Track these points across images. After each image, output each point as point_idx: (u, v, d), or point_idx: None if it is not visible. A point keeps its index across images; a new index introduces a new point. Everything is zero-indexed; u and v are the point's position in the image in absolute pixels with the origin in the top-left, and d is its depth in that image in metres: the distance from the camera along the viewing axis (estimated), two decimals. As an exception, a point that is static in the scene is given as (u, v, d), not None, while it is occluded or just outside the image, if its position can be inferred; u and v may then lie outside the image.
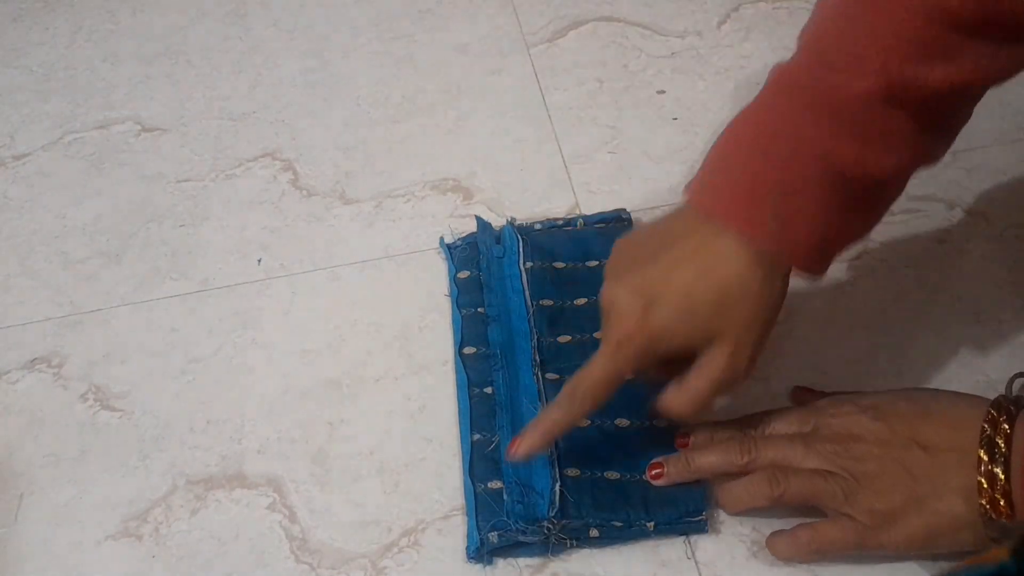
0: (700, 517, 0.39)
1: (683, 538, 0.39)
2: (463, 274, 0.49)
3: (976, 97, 0.36)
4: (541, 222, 0.52)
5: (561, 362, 0.44)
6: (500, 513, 0.39)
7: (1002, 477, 0.32)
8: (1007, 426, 0.33)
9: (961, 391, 0.38)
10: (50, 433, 0.46)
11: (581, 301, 0.47)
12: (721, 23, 0.65)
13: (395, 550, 0.40)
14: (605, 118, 0.59)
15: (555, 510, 0.38)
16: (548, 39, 0.65)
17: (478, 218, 0.51)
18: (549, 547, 0.39)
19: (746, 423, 0.39)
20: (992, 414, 0.33)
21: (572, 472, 0.40)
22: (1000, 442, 0.32)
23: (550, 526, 0.38)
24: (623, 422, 0.42)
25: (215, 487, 0.43)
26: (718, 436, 0.39)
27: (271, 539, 0.41)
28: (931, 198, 0.52)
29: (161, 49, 0.67)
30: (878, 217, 0.36)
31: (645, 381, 0.39)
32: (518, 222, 0.51)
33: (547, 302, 0.47)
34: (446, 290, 0.49)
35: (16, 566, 0.41)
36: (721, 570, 0.38)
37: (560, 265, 0.49)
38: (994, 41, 0.32)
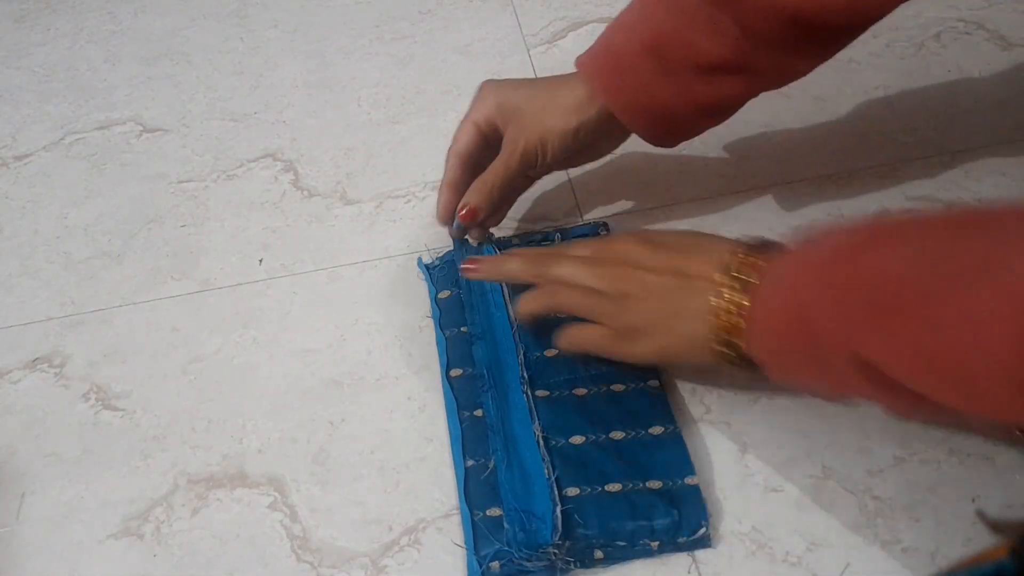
0: (702, 532, 0.38)
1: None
2: (444, 294, 0.48)
3: (817, 33, 0.41)
4: (519, 236, 0.51)
5: (550, 376, 0.44)
6: (500, 541, 0.38)
7: (734, 304, 0.36)
8: (749, 260, 0.37)
9: None
10: (52, 432, 0.46)
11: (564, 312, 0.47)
12: (721, 24, 0.65)
13: (396, 549, 0.40)
14: (605, 119, 0.59)
15: (558, 534, 0.37)
16: (548, 40, 0.65)
17: (456, 240, 0.50)
18: (555, 572, 0.38)
19: (555, 248, 0.46)
20: (737, 250, 0.38)
21: (572, 491, 0.40)
22: (739, 272, 0.37)
23: (555, 551, 0.37)
24: (618, 434, 0.42)
25: (216, 486, 0.43)
26: (527, 251, 0.45)
27: (272, 538, 0.41)
28: (929, 198, 0.52)
29: (162, 50, 0.68)
30: (709, 106, 0.44)
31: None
32: (496, 237, 0.51)
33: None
34: (428, 312, 0.48)
35: (18, 565, 0.41)
36: (720, 570, 0.38)
37: None
38: None
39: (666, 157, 0.57)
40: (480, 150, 0.47)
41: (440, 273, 0.49)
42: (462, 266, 0.45)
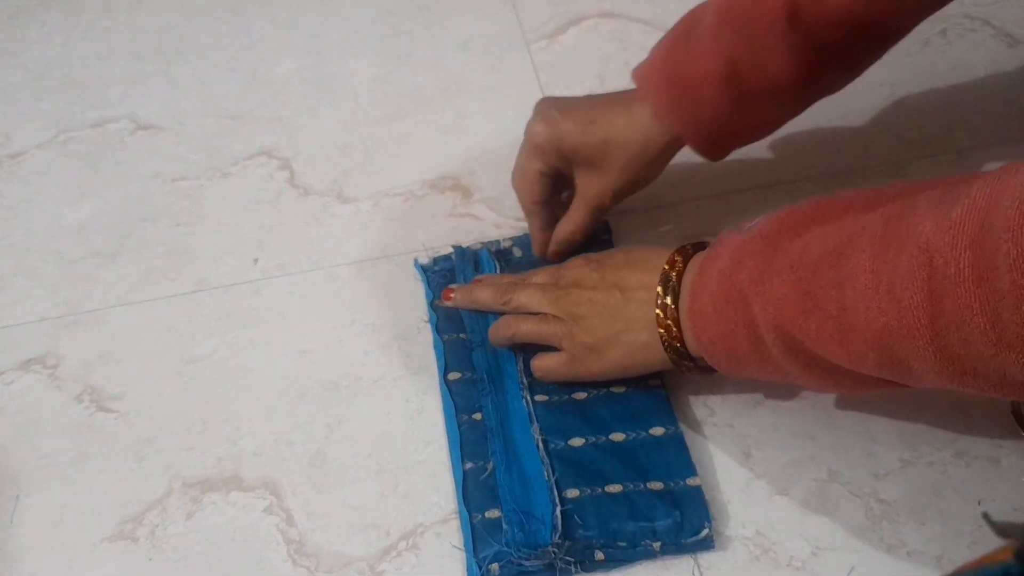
0: (705, 533, 0.38)
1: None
2: (441, 302, 0.48)
3: (873, 36, 0.42)
4: (520, 244, 0.50)
5: (549, 382, 0.44)
6: (499, 543, 0.38)
7: (672, 306, 0.38)
8: (681, 264, 0.39)
9: None
10: (46, 434, 0.45)
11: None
12: (722, 20, 0.64)
13: (393, 553, 0.40)
14: (605, 116, 0.58)
15: (558, 534, 0.37)
16: (548, 36, 0.65)
17: (456, 247, 0.50)
18: (556, 573, 0.38)
19: (519, 277, 0.46)
20: (673, 257, 0.40)
21: (572, 493, 0.39)
22: (673, 277, 0.39)
23: (554, 551, 0.37)
24: (618, 436, 0.42)
25: (211, 489, 0.43)
26: (495, 280, 0.46)
27: (268, 542, 0.41)
28: (935, 196, 0.52)
29: (157, 47, 0.67)
30: (769, 122, 0.46)
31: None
32: (496, 245, 0.50)
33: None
34: (425, 315, 0.48)
35: (12, 568, 0.41)
36: (724, 573, 0.38)
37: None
38: None
39: (667, 155, 0.56)
40: (551, 190, 0.48)
41: (437, 278, 0.49)
42: (443, 292, 0.47)
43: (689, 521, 0.38)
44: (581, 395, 0.43)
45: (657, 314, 0.39)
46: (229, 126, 0.61)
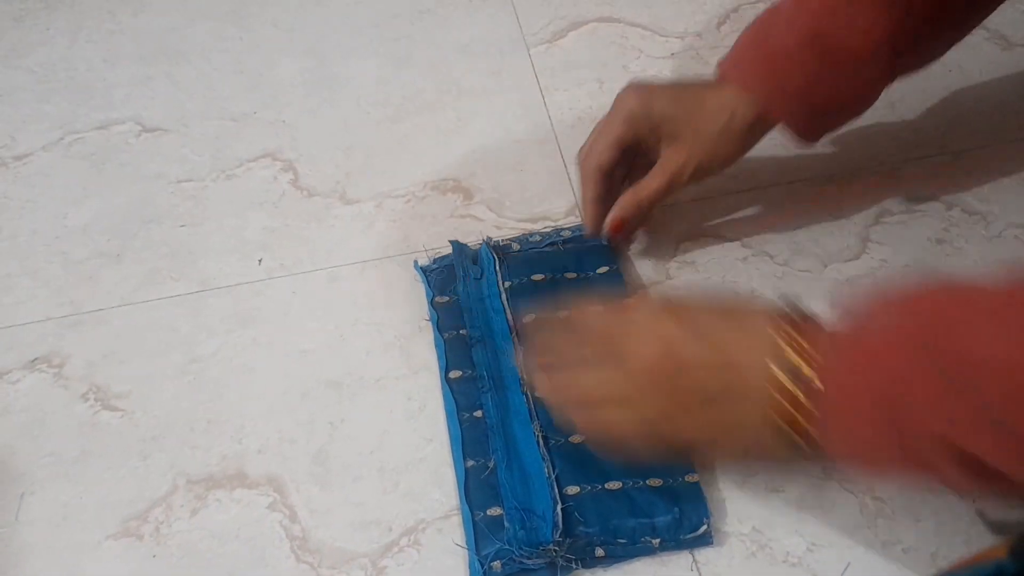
0: (703, 529, 0.39)
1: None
2: (441, 299, 0.48)
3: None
4: (519, 240, 0.51)
5: None
6: (501, 540, 0.38)
7: (799, 396, 0.32)
8: (797, 340, 0.33)
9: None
10: (51, 433, 0.46)
11: (564, 313, 0.47)
12: (721, 24, 0.65)
13: (395, 549, 0.40)
14: (605, 118, 0.59)
15: (559, 532, 0.38)
16: (548, 39, 0.65)
17: (453, 242, 0.50)
18: (557, 570, 0.38)
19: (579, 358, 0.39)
20: (779, 324, 0.34)
21: (572, 490, 0.40)
22: (791, 355, 0.33)
23: (555, 549, 0.38)
24: None
25: (215, 487, 0.43)
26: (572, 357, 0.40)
27: (272, 539, 0.41)
28: (930, 198, 0.52)
29: (161, 49, 0.68)
30: (861, 94, 0.44)
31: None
32: (494, 241, 0.51)
33: (529, 317, 0.46)
34: (427, 314, 0.48)
35: (17, 566, 0.41)
36: (721, 570, 0.38)
37: (539, 278, 0.48)
38: None
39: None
40: (619, 163, 0.46)
41: (437, 276, 0.49)
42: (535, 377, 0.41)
43: (688, 517, 0.39)
44: None
45: (778, 402, 0.33)
46: (233, 128, 0.61)
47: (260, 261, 0.53)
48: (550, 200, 0.54)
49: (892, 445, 0.31)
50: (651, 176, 0.45)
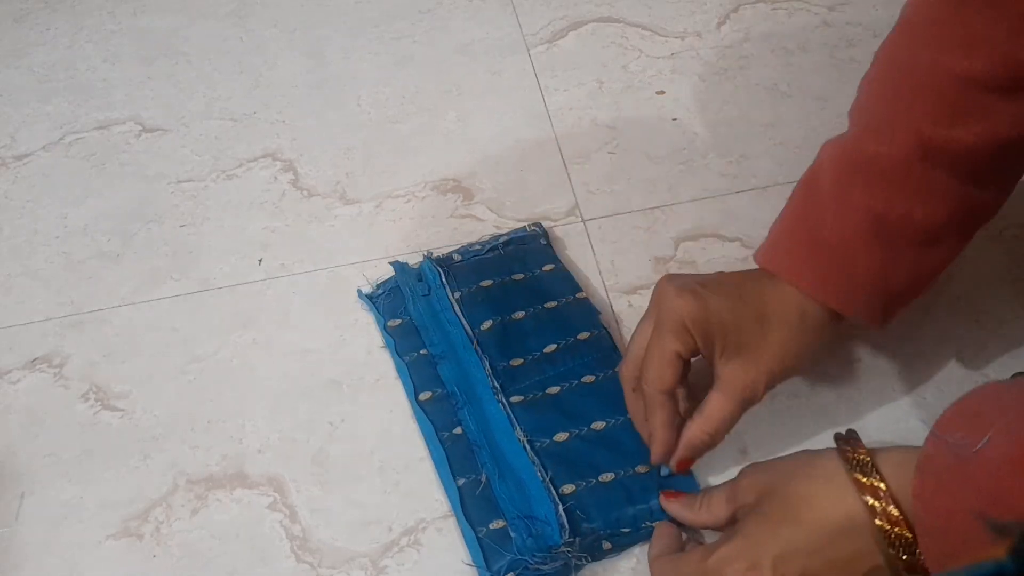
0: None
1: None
2: (394, 322, 0.47)
3: (1020, 150, 0.37)
4: (460, 251, 0.50)
5: (520, 382, 0.44)
6: (511, 551, 0.38)
7: (894, 515, 0.32)
8: (883, 499, 0.32)
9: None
10: (51, 433, 0.46)
11: (519, 315, 0.47)
12: (721, 24, 0.65)
13: (395, 549, 0.40)
14: (605, 118, 0.59)
15: (567, 532, 0.38)
16: (548, 40, 0.65)
17: (394, 263, 0.50)
18: (571, 571, 0.38)
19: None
20: (865, 486, 0.33)
21: (568, 488, 0.40)
22: (891, 533, 0.32)
23: (567, 550, 0.37)
24: (599, 424, 0.42)
25: (216, 487, 0.43)
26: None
27: (272, 538, 0.41)
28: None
29: (162, 50, 0.68)
30: (934, 270, 0.38)
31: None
32: (435, 254, 0.50)
33: (487, 324, 0.46)
34: (380, 341, 0.47)
35: (17, 566, 0.41)
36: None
37: (487, 283, 0.48)
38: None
39: (666, 157, 0.57)
40: (684, 377, 0.39)
41: (385, 301, 0.49)
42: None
43: (679, 492, 0.39)
44: (555, 389, 0.44)
45: (883, 532, 0.32)
46: (233, 128, 0.61)
47: (260, 261, 0.53)
48: (550, 200, 0.55)
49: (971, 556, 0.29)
50: (719, 401, 0.38)
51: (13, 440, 0.46)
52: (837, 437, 0.36)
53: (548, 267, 0.49)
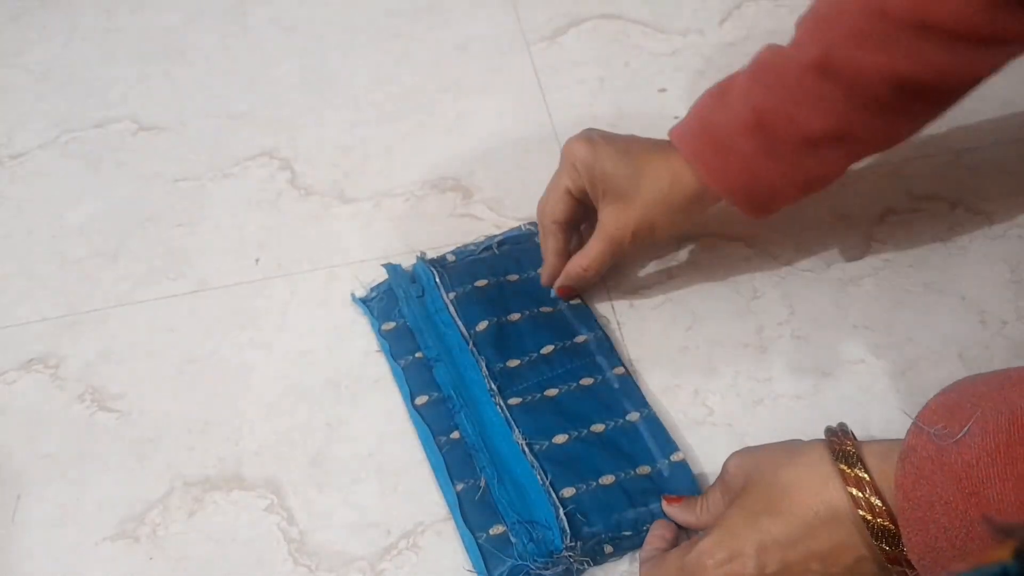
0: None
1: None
2: (388, 325, 0.47)
3: (923, 95, 0.39)
4: (454, 252, 0.50)
5: (518, 384, 0.43)
6: (512, 557, 0.38)
7: (879, 507, 0.32)
8: (871, 502, 0.32)
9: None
10: (47, 434, 0.46)
11: (515, 316, 0.46)
12: (723, 21, 0.65)
13: (394, 552, 0.40)
14: (606, 117, 0.59)
15: (568, 536, 0.37)
16: (548, 37, 0.65)
17: (387, 264, 0.49)
18: (571, 575, 0.38)
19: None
20: (852, 491, 0.32)
21: (568, 492, 0.40)
22: (877, 525, 0.32)
23: (569, 555, 0.37)
24: (598, 427, 0.42)
25: (213, 489, 0.43)
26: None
27: (269, 541, 0.41)
28: (934, 197, 0.52)
29: (159, 48, 0.67)
30: (811, 177, 0.42)
31: None
32: (429, 255, 0.50)
33: (482, 325, 0.45)
34: (376, 345, 0.47)
35: (12, 568, 0.41)
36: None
37: (482, 283, 0.48)
38: (931, 41, 0.37)
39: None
40: (575, 213, 0.46)
41: (379, 304, 0.48)
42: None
43: (680, 495, 0.39)
44: (553, 391, 0.43)
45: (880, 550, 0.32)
46: (230, 127, 0.61)
47: (258, 261, 0.53)
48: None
49: (959, 551, 0.29)
50: (592, 241, 0.45)
51: (8, 441, 0.45)
52: (828, 429, 0.36)
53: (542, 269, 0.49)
